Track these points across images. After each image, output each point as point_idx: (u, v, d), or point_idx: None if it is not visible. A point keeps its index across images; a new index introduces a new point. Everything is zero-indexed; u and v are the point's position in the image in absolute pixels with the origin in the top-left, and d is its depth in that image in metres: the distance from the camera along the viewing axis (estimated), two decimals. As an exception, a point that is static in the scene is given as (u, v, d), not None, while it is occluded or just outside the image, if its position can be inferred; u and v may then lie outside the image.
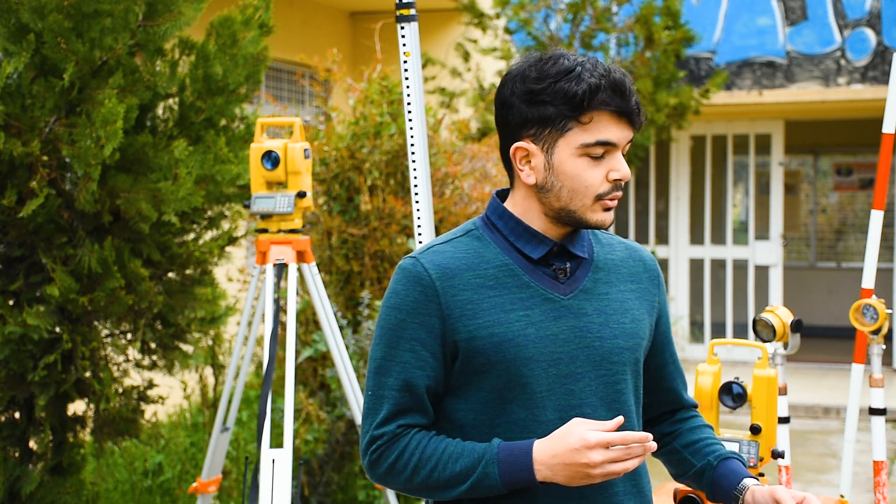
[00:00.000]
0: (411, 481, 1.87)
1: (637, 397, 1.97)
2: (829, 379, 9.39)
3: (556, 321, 1.88)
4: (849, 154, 12.55)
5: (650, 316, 2.00)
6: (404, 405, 1.88)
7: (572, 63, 1.85)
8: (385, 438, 1.88)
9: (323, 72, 5.98)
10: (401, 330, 1.88)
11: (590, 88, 1.82)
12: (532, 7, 8.55)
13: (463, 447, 1.84)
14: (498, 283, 1.88)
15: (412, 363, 1.87)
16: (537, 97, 1.86)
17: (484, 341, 1.85)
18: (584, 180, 1.85)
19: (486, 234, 1.93)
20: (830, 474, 6.65)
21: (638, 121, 1.87)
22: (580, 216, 1.87)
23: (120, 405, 4.23)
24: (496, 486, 1.82)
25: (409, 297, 1.87)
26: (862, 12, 9.20)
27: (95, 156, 3.66)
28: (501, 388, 1.86)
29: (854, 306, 3.55)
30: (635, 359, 1.95)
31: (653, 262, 2.06)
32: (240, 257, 6.51)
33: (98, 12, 3.74)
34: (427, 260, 1.89)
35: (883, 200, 3.60)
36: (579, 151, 1.85)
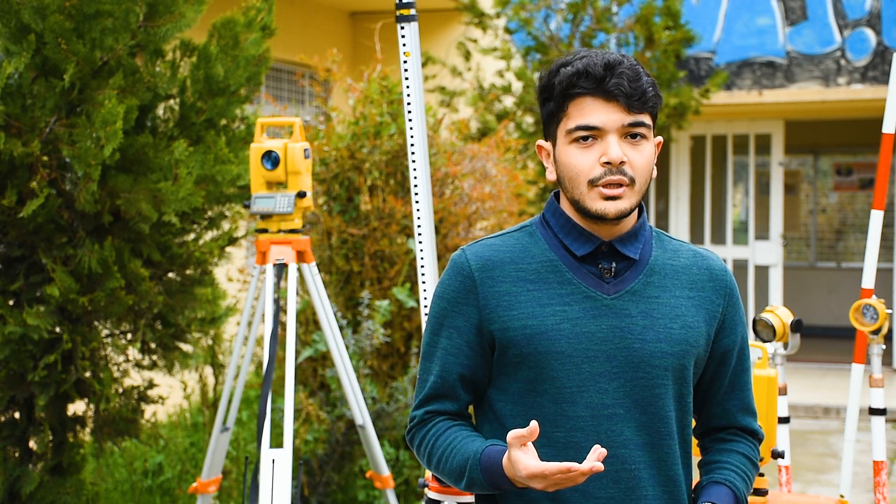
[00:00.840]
0: (430, 466, 1.96)
1: (681, 405, 1.93)
2: (829, 379, 9.39)
3: (594, 319, 1.88)
4: (849, 154, 12.55)
5: (707, 325, 1.95)
6: (438, 390, 1.94)
7: (572, 57, 1.88)
8: (415, 421, 1.97)
9: (323, 72, 5.98)
10: (442, 318, 1.94)
11: (566, 76, 1.85)
12: (532, 7, 8.55)
13: (461, 445, 1.88)
14: (539, 277, 1.90)
15: (449, 350, 1.93)
16: (541, 95, 1.92)
17: (517, 332, 1.88)
18: (575, 166, 1.87)
19: (539, 231, 1.96)
20: (830, 474, 6.65)
21: (634, 103, 1.84)
22: (583, 205, 1.88)
23: (120, 405, 4.24)
24: (487, 488, 1.85)
25: (451, 286, 1.94)
26: (862, 12, 9.20)
27: (95, 156, 3.66)
28: (533, 381, 1.88)
29: (854, 306, 3.55)
30: (681, 365, 1.91)
31: (722, 272, 2.00)
32: (240, 257, 6.51)
33: (99, 13, 3.75)
34: (472, 252, 1.95)
35: (883, 200, 3.61)
36: (569, 139, 1.87)
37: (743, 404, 2.04)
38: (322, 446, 5.16)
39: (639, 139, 1.86)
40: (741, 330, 2.01)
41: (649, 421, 1.88)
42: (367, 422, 4.26)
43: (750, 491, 2.01)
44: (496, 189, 5.84)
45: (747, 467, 2.00)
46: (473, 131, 8.24)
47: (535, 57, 8.73)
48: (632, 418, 1.87)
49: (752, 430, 2.04)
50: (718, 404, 2.03)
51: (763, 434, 2.07)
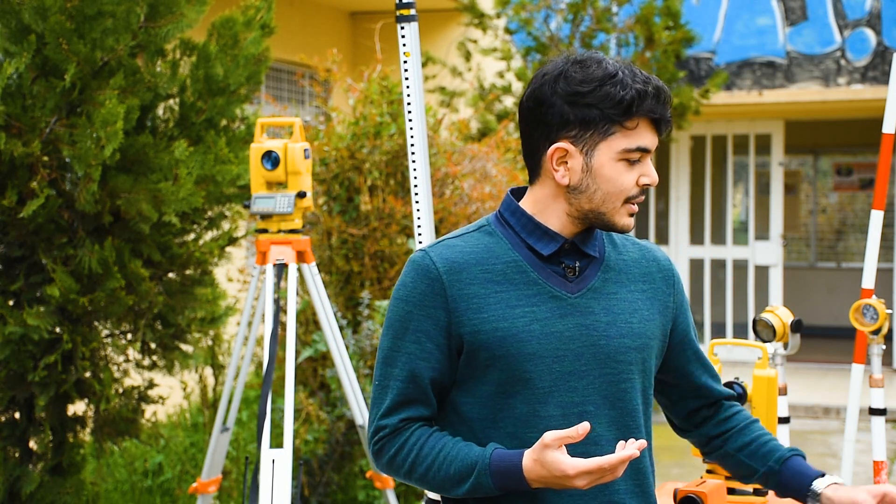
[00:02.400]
0: (410, 476, 1.91)
1: (645, 398, 1.98)
2: (829, 379, 9.39)
3: (562, 318, 1.89)
4: (849, 154, 12.55)
5: (662, 316, 2.00)
6: (408, 396, 1.90)
7: (613, 68, 1.88)
8: (387, 430, 1.91)
9: (323, 72, 5.99)
10: (407, 321, 1.90)
11: (637, 94, 1.85)
12: (532, 7, 8.55)
13: (458, 450, 1.86)
14: (505, 278, 1.90)
15: (417, 354, 1.89)
16: (583, 99, 1.86)
17: (488, 335, 1.87)
18: (620, 184, 1.89)
19: (499, 230, 1.95)
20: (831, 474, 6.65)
21: (666, 128, 1.92)
22: (608, 219, 1.90)
23: (120, 405, 4.24)
24: (493, 492, 1.85)
25: (416, 289, 1.90)
26: (862, 12, 9.20)
27: (96, 156, 3.66)
28: (504, 383, 1.88)
29: (854, 306, 3.55)
30: (642, 358, 1.95)
31: (667, 262, 2.06)
32: (240, 257, 6.51)
33: (100, 13, 3.75)
34: (436, 253, 1.92)
35: (883, 200, 3.61)
36: (619, 156, 1.88)
37: (714, 375, 2.13)
38: (322, 446, 5.16)
39: None
40: (689, 311, 2.11)
41: (618, 416, 1.91)
42: (367, 422, 4.25)
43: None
44: (496, 189, 5.84)
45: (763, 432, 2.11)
46: (473, 131, 8.24)
47: (536, 57, 8.73)
48: (602, 414, 1.89)
49: (731, 394, 2.14)
50: (696, 385, 2.09)
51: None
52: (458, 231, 1.99)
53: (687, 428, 2.15)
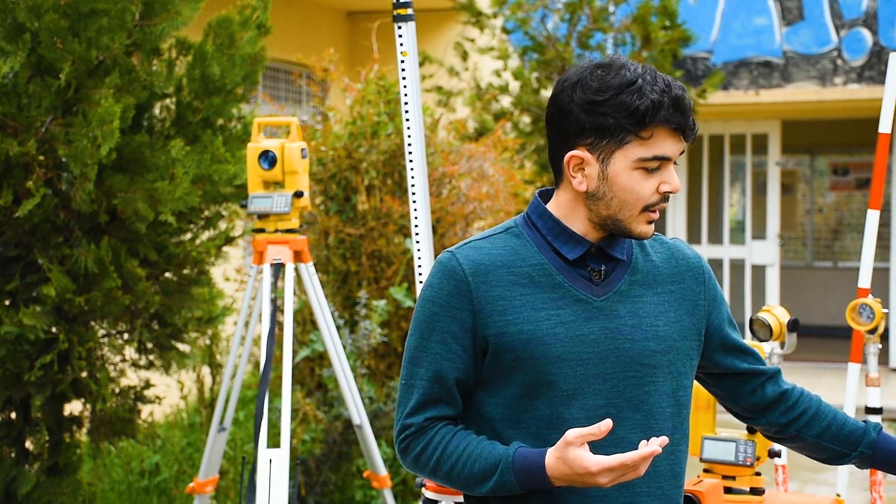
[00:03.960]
0: (435, 474, 1.93)
1: (676, 400, 1.96)
2: (825, 378, 9.40)
3: (587, 322, 1.90)
4: (845, 154, 12.56)
5: (693, 316, 1.99)
6: (433, 395, 1.92)
7: (633, 75, 1.86)
8: (413, 429, 1.93)
9: (320, 71, 5.98)
10: (433, 322, 1.92)
11: (652, 104, 1.84)
12: (529, 7, 8.55)
13: (482, 449, 1.87)
14: (531, 281, 1.91)
15: (443, 355, 1.91)
16: (598, 108, 1.86)
17: (513, 338, 1.88)
18: (637, 192, 1.88)
19: (525, 233, 1.96)
20: (827, 473, 6.65)
21: (692, 135, 1.89)
22: (626, 226, 1.90)
23: (116, 405, 4.23)
24: (516, 490, 1.86)
25: (442, 290, 1.92)
26: (858, 12, 9.21)
27: (92, 155, 3.66)
28: (528, 385, 1.89)
29: (850, 306, 3.55)
30: (669, 361, 1.94)
31: (697, 258, 2.05)
32: (237, 257, 6.50)
33: (95, 12, 3.74)
34: (462, 255, 1.93)
35: (879, 200, 3.61)
36: (636, 164, 1.87)
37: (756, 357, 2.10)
38: (319, 446, 5.15)
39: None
40: (724, 303, 2.08)
41: (643, 419, 1.91)
42: (365, 421, 4.25)
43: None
44: (493, 189, 5.84)
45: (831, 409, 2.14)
46: (471, 131, 8.23)
47: (533, 56, 8.73)
48: (625, 417, 1.89)
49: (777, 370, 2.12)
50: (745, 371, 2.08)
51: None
52: (485, 232, 2.00)
53: (749, 416, 2.13)
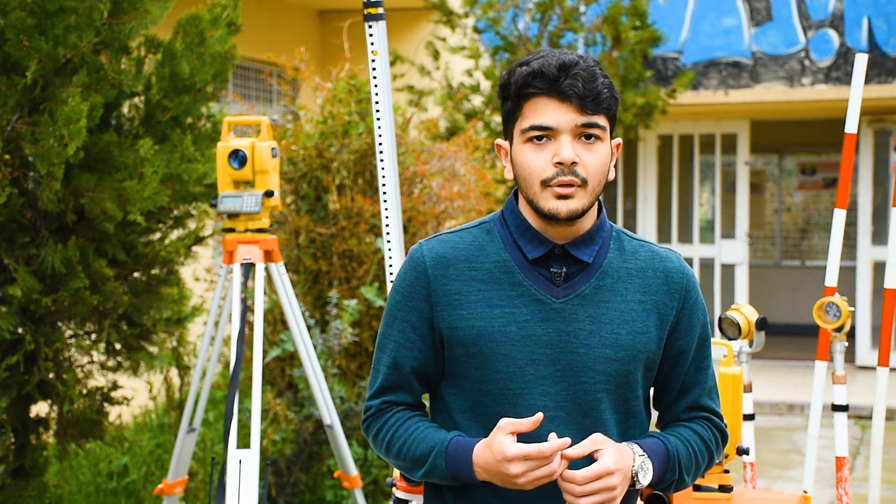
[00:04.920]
0: (388, 454, 1.97)
1: (624, 409, 1.93)
2: (793, 376, 9.48)
3: (541, 323, 1.88)
4: (813, 153, 12.68)
5: (659, 329, 1.94)
6: (393, 382, 1.96)
7: (531, 57, 1.88)
8: (372, 411, 1.98)
9: (291, 70, 5.96)
10: (396, 311, 1.96)
11: (522, 76, 1.85)
12: (501, 6, 8.56)
13: (426, 433, 1.90)
14: (491, 277, 1.91)
15: (402, 343, 1.94)
16: (500, 95, 1.92)
17: (464, 332, 1.89)
18: (529, 166, 1.86)
19: (496, 229, 1.96)
20: (794, 470, 6.72)
21: (588, 104, 1.83)
22: (537, 204, 1.87)
23: (84, 406, 4.20)
24: (446, 478, 1.87)
25: (406, 280, 1.95)
26: (825, 13, 9.30)
27: (59, 154, 3.62)
28: (479, 380, 1.90)
29: (817, 304, 3.59)
30: (625, 371, 1.90)
31: (679, 274, 1.97)
32: (206, 257, 6.47)
33: (62, 9, 3.71)
34: (428, 247, 1.95)
35: (846, 199, 3.64)
36: (523, 138, 1.87)
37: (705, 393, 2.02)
38: (290, 446, 5.14)
39: (593, 140, 1.86)
40: (699, 330, 1.99)
41: (590, 424, 1.89)
42: (335, 422, 4.25)
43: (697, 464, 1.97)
44: (465, 188, 5.84)
45: (691, 436, 1.98)
46: (442, 130, 8.24)
47: (504, 56, 8.74)
48: (573, 421, 1.88)
49: (715, 412, 2.03)
50: (673, 402, 2.03)
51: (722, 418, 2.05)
52: (461, 226, 2.01)
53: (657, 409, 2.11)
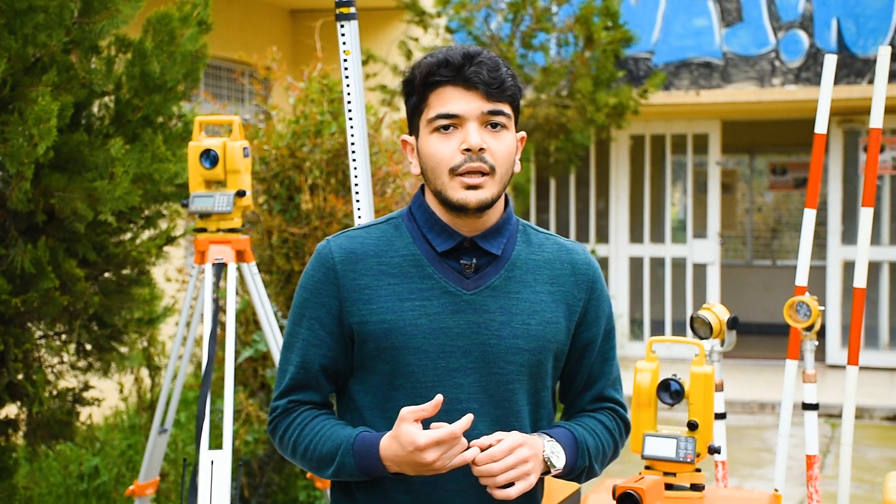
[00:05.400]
0: (294, 455, 1.94)
1: (535, 400, 1.96)
2: (764, 375, 9.56)
3: (453, 315, 1.89)
4: (783, 153, 12.78)
5: (568, 320, 1.97)
6: (301, 381, 1.94)
7: (434, 51, 1.91)
8: (279, 411, 1.96)
9: (263, 70, 5.94)
10: (304, 308, 1.94)
11: (426, 66, 1.88)
12: (473, 6, 8.57)
13: (333, 432, 1.89)
14: (401, 271, 1.91)
15: (310, 341, 1.93)
16: (405, 91, 1.94)
17: (375, 327, 1.89)
18: (436, 155, 1.88)
19: (405, 224, 1.96)
20: (765, 468, 6.77)
21: (493, 91, 1.86)
22: (445, 195, 1.88)
23: (54, 408, 4.16)
24: (356, 474, 1.87)
25: (314, 277, 1.94)
26: (795, 14, 9.38)
27: (28, 154, 3.59)
28: (390, 375, 1.90)
29: (788, 303, 3.62)
30: (537, 361, 1.93)
31: (586, 265, 2.01)
32: (178, 257, 6.42)
33: (32, 8, 3.67)
34: (336, 243, 1.94)
35: (815, 199, 3.68)
36: (429, 129, 1.89)
37: (609, 384, 2.08)
38: (262, 447, 5.12)
39: (499, 129, 1.89)
40: (605, 322, 2.04)
41: (503, 415, 1.91)
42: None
43: (603, 452, 2.02)
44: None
45: (596, 425, 2.02)
46: (414, 130, 8.23)
47: (476, 56, 8.75)
48: (486, 413, 1.89)
49: (614, 399, 2.09)
50: (579, 394, 2.06)
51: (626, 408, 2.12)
52: (368, 222, 2.03)
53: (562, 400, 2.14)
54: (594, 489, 3.12)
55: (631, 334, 10.31)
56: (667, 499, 2.89)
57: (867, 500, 6.03)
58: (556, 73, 8.51)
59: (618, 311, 10.18)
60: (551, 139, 8.85)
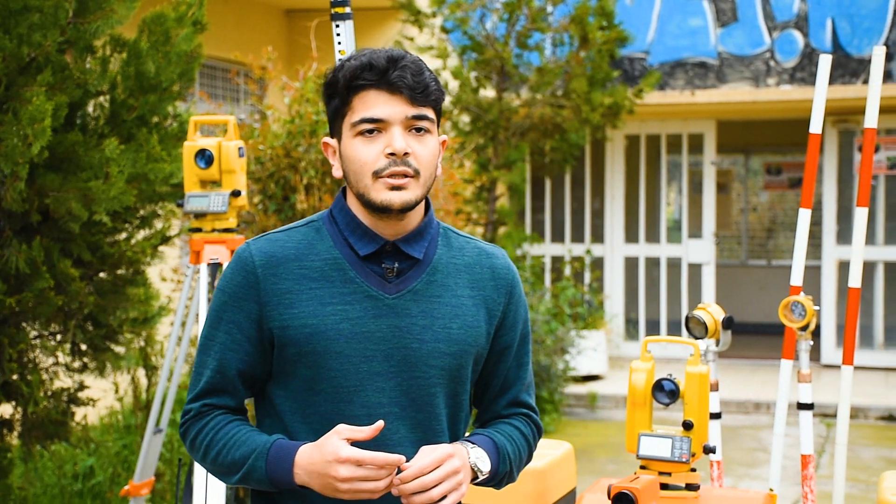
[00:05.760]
0: (205, 461, 1.93)
1: (454, 403, 1.96)
2: (759, 375, 9.57)
3: (375, 319, 1.89)
4: (778, 153, 12.80)
5: (488, 324, 1.98)
6: (216, 385, 1.93)
7: (357, 53, 1.90)
8: (192, 414, 1.94)
9: (258, 70, 5.93)
10: (222, 312, 1.93)
11: (350, 69, 1.88)
12: (468, 6, 8.57)
13: (248, 436, 1.88)
14: (322, 275, 1.90)
15: (228, 345, 1.91)
16: (326, 94, 1.93)
17: (296, 331, 1.88)
18: (360, 158, 1.87)
19: (326, 227, 1.95)
20: (761, 468, 6.78)
21: (418, 95, 1.86)
22: (368, 198, 1.88)
23: (49, 408, 4.16)
24: (264, 481, 1.85)
25: (233, 281, 1.92)
26: (790, 14, 9.39)
27: (23, 154, 3.58)
28: (311, 380, 1.89)
29: (783, 303, 3.62)
30: (458, 365, 1.93)
31: (505, 270, 2.02)
32: (173, 257, 6.42)
33: (27, 8, 3.67)
34: (256, 247, 1.93)
35: (810, 199, 3.68)
36: (353, 132, 1.88)
37: (524, 391, 2.07)
38: (258, 447, 5.11)
39: (423, 133, 1.89)
40: (521, 327, 2.05)
41: (424, 419, 1.91)
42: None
43: (521, 458, 2.01)
44: (433, 188, 5.84)
45: (513, 431, 2.02)
46: (410, 130, 8.23)
47: (472, 56, 8.76)
48: (407, 417, 1.89)
49: (528, 405, 2.07)
50: (494, 398, 2.06)
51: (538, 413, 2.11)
52: (288, 225, 2.00)
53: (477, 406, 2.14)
54: (589, 489, 3.12)
55: (626, 334, 10.32)
56: (662, 498, 2.90)
57: (862, 499, 6.04)
58: (552, 72, 8.52)
59: (613, 311, 10.18)
60: (546, 139, 8.86)
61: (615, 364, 9.67)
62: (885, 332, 9.90)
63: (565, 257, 10.31)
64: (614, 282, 10.38)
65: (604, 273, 10.36)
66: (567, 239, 10.43)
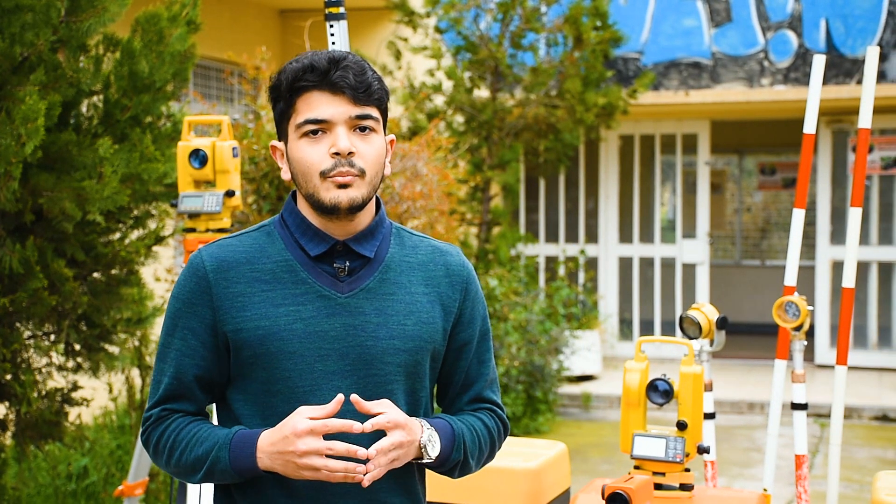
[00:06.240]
0: (169, 464, 1.93)
1: (413, 400, 1.97)
2: (753, 375, 9.58)
3: (328, 318, 1.90)
4: (772, 154, 12.82)
5: (444, 320, 1.99)
6: (175, 392, 1.94)
7: (300, 56, 1.92)
8: (151, 420, 1.95)
9: (252, 70, 5.93)
10: (177, 318, 1.94)
11: (292, 72, 1.89)
12: (462, 6, 8.57)
13: (210, 432, 1.89)
14: (274, 277, 1.92)
15: (184, 351, 1.93)
16: (272, 97, 1.95)
17: (250, 334, 1.89)
18: (306, 160, 1.89)
19: (277, 231, 1.97)
20: (755, 468, 6.79)
21: (360, 95, 1.88)
22: (317, 198, 1.89)
23: (43, 408, 4.15)
24: (228, 472, 1.86)
25: (185, 287, 1.94)
26: (784, 14, 9.41)
27: (16, 154, 3.58)
28: (267, 381, 1.90)
29: (777, 303, 3.63)
30: (414, 361, 1.94)
31: (460, 267, 2.03)
32: (167, 257, 6.41)
33: (19, 7, 3.66)
34: (207, 253, 1.95)
35: (804, 199, 3.69)
36: (298, 134, 1.90)
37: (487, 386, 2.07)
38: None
39: (368, 132, 1.91)
40: (480, 323, 2.06)
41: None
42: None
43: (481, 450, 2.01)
44: (427, 188, 5.84)
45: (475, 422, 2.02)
46: (404, 130, 8.24)
47: (466, 56, 8.76)
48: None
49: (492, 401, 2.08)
50: (457, 395, 2.07)
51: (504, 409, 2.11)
52: (241, 231, 2.01)
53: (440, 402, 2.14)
54: (583, 489, 3.13)
55: (620, 334, 10.32)
56: (656, 498, 2.90)
57: (856, 499, 6.05)
58: (546, 73, 8.52)
59: (607, 311, 10.19)
60: (541, 139, 8.86)
61: (609, 364, 9.67)
62: (878, 333, 9.92)
63: (559, 257, 10.32)
64: (608, 282, 10.38)
65: (598, 273, 10.37)
66: (561, 239, 10.44)
